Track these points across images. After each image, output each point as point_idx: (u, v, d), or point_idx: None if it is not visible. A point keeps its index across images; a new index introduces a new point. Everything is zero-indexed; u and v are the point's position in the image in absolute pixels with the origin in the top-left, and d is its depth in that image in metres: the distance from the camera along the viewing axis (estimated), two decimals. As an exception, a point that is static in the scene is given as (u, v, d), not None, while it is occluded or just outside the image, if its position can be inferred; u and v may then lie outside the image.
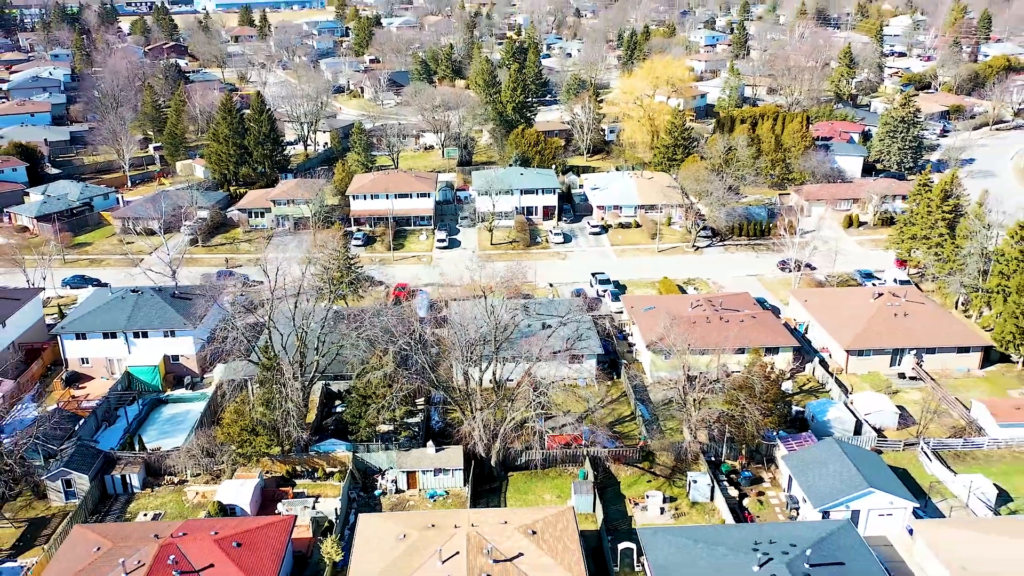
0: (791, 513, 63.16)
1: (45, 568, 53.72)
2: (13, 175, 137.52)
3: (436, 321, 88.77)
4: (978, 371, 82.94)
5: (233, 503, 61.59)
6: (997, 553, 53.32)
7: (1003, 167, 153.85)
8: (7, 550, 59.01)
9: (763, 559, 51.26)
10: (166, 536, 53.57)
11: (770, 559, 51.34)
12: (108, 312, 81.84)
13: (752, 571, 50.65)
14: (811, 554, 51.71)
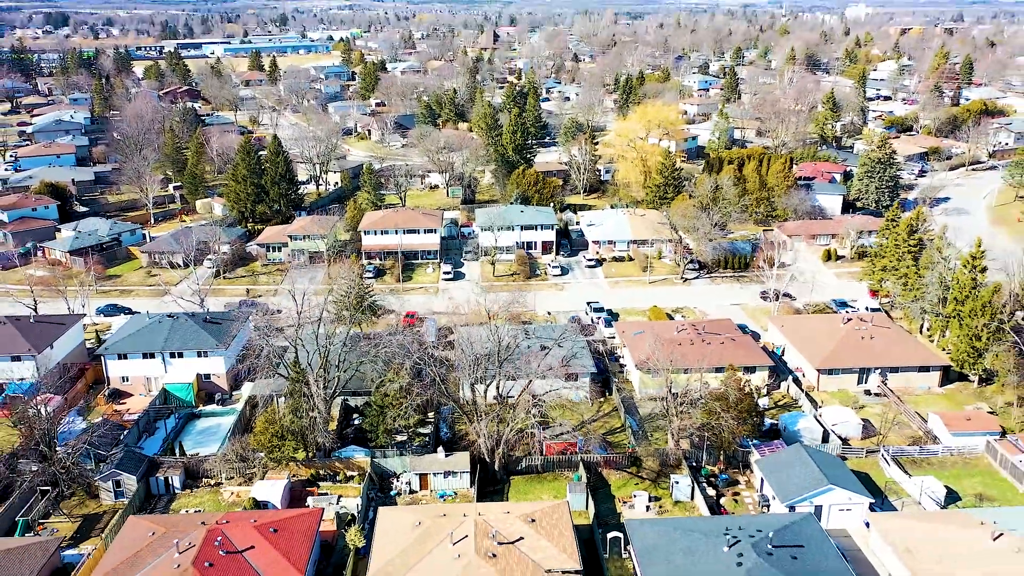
0: (762, 509, 71.21)
1: (106, 551, 61.63)
2: (45, 212, 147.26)
3: (443, 345, 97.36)
4: (938, 388, 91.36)
5: (266, 500, 69.68)
6: (939, 538, 61.36)
7: (976, 206, 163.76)
8: (68, 541, 66.80)
9: (732, 541, 59.30)
10: (212, 523, 61.71)
11: (738, 541, 59.36)
12: (147, 335, 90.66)
13: (722, 551, 58.67)
14: (774, 538, 59.76)
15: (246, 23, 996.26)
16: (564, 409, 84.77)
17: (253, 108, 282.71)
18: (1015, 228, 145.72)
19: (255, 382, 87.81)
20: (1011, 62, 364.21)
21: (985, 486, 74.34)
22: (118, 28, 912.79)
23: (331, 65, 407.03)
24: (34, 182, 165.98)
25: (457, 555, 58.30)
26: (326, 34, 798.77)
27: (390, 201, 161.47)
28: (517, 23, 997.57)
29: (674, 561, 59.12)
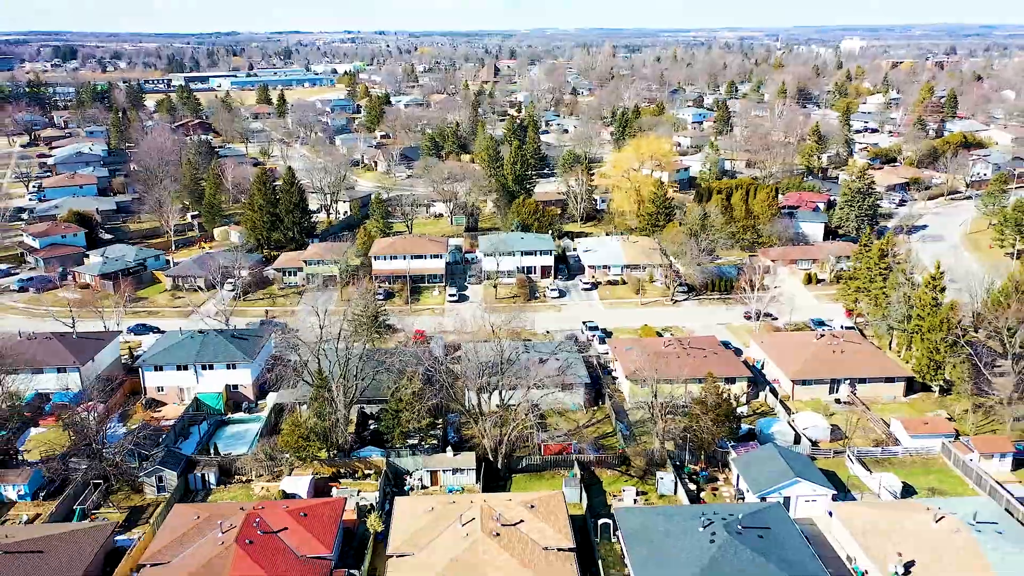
0: (737, 501, 79.74)
1: (156, 534, 70.16)
2: (73, 240, 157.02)
3: (451, 360, 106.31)
4: (903, 398, 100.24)
5: (294, 492, 78.34)
6: (889, 522, 69.91)
7: (952, 233, 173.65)
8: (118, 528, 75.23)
9: (706, 523, 67.90)
10: (249, 509, 70.34)
11: (712, 524, 67.94)
12: (180, 349, 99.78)
13: (698, 531, 67.26)
14: (743, 520, 68.37)
15: (251, 56, 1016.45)
16: (561, 415, 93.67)
17: (262, 140, 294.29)
18: (986, 253, 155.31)
19: (279, 392, 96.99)
20: (995, 95, 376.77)
21: (939, 482, 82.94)
22: (125, 61, 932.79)
23: (337, 98, 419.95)
24: (60, 211, 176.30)
25: (465, 534, 66.87)
26: (330, 67, 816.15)
27: (398, 229, 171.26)
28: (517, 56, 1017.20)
29: (656, 541, 67.68)
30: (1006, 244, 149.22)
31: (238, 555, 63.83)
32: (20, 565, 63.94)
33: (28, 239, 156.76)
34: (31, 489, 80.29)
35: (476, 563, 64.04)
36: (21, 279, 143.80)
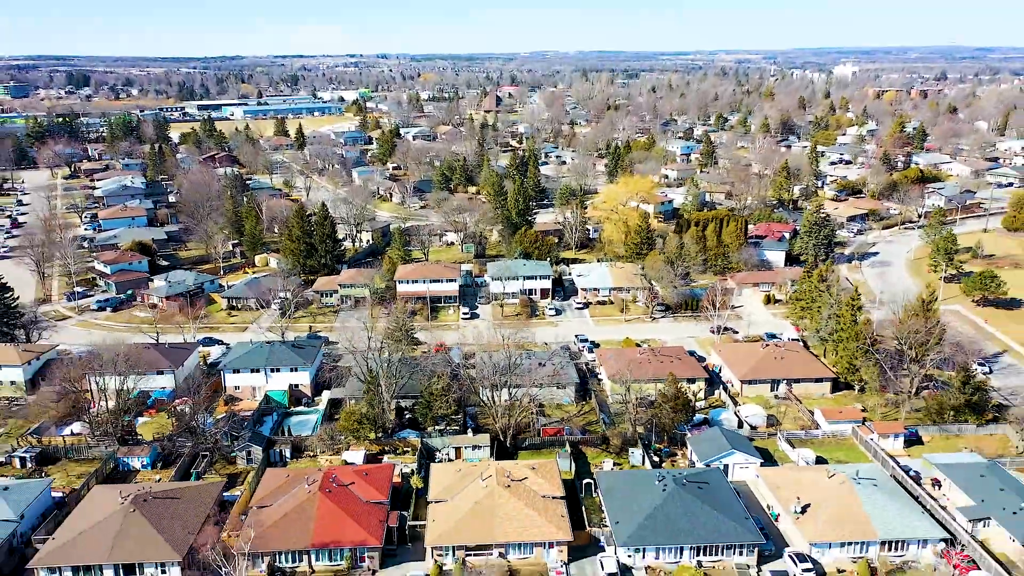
0: (689, 467, 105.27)
1: (256, 489, 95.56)
2: (138, 266, 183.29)
3: (467, 366, 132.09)
4: (829, 394, 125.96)
5: (352, 462, 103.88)
6: (796, 479, 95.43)
7: (899, 259, 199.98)
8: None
9: (660, 478, 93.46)
10: (325, 470, 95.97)
11: (664, 479, 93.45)
12: (253, 356, 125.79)
13: (654, 484, 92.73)
14: (688, 477, 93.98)
15: (258, 83, 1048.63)
16: (556, 407, 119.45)
17: (282, 171, 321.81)
18: (924, 277, 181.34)
19: (331, 390, 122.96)
20: (968, 127, 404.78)
21: (846, 456, 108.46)
22: (137, 88, 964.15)
23: (349, 130, 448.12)
24: (119, 240, 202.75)
25: (484, 486, 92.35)
26: (336, 94, 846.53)
27: (416, 256, 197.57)
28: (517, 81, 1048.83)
29: (624, 493, 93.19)
30: (939, 269, 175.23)
31: (322, 499, 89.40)
32: (167, 505, 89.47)
33: (99, 265, 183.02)
34: (151, 461, 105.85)
35: (493, 505, 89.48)
36: (99, 300, 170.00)
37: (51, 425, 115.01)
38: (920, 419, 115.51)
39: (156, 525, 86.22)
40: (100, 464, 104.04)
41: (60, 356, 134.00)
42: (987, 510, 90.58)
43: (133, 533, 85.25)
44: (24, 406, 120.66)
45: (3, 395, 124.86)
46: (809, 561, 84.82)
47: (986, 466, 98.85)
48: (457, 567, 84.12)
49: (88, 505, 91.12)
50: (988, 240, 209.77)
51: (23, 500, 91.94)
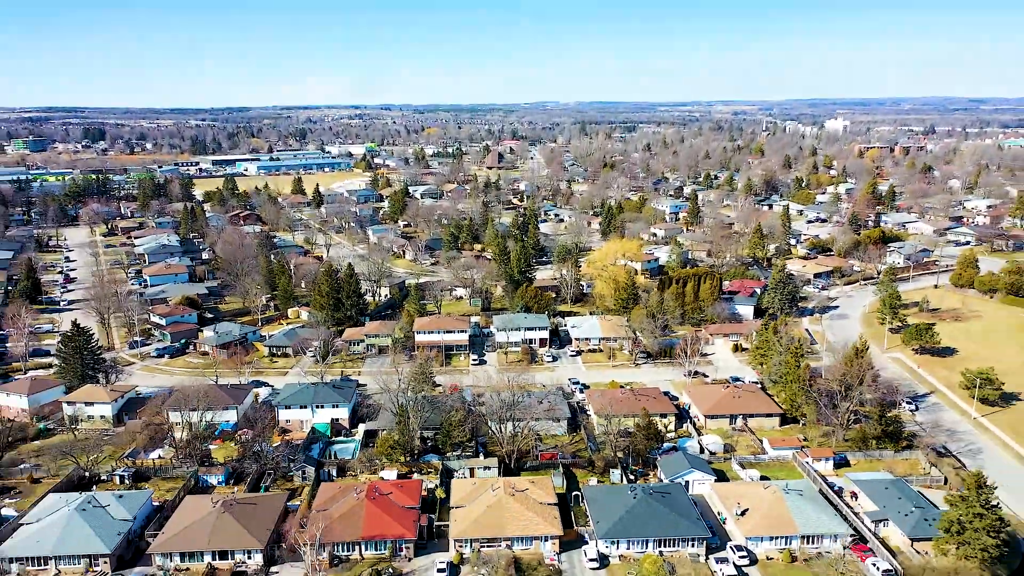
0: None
1: (314, 498, 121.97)
2: (188, 319, 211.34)
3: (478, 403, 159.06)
4: (778, 427, 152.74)
5: (387, 479, 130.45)
6: (741, 492, 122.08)
7: (855, 312, 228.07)
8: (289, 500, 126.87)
9: (632, 490, 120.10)
10: (369, 484, 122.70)
11: (636, 491, 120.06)
12: (301, 395, 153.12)
13: (628, 495, 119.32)
14: (654, 488, 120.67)
15: (267, 136, 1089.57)
16: (552, 437, 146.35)
17: (301, 228, 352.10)
18: (874, 328, 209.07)
19: (366, 423, 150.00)
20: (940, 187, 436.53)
21: (786, 475, 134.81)
22: (151, 142, 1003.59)
23: (361, 188, 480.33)
24: (166, 295, 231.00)
25: (494, 494, 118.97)
26: (344, 149, 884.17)
27: (430, 309, 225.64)
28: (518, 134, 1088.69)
29: (604, 501, 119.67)
30: (885, 322, 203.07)
31: (368, 504, 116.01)
32: (248, 509, 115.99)
33: (155, 318, 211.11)
34: (224, 478, 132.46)
35: (501, 509, 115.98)
36: (157, 348, 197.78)
37: (140, 450, 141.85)
38: (849, 446, 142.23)
39: (241, 523, 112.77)
40: (186, 480, 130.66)
41: (138, 395, 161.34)
42: (886, 513, 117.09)
43: (224, 529, 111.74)
44: (113, 436, 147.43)
45: (96, 427, 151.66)
46: (745, 551, 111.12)
47: (891, 481, 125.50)
48: (474, 555, 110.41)
49: (184, 509, 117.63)
50: (936, 295, 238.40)
51: (134, 506, 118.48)
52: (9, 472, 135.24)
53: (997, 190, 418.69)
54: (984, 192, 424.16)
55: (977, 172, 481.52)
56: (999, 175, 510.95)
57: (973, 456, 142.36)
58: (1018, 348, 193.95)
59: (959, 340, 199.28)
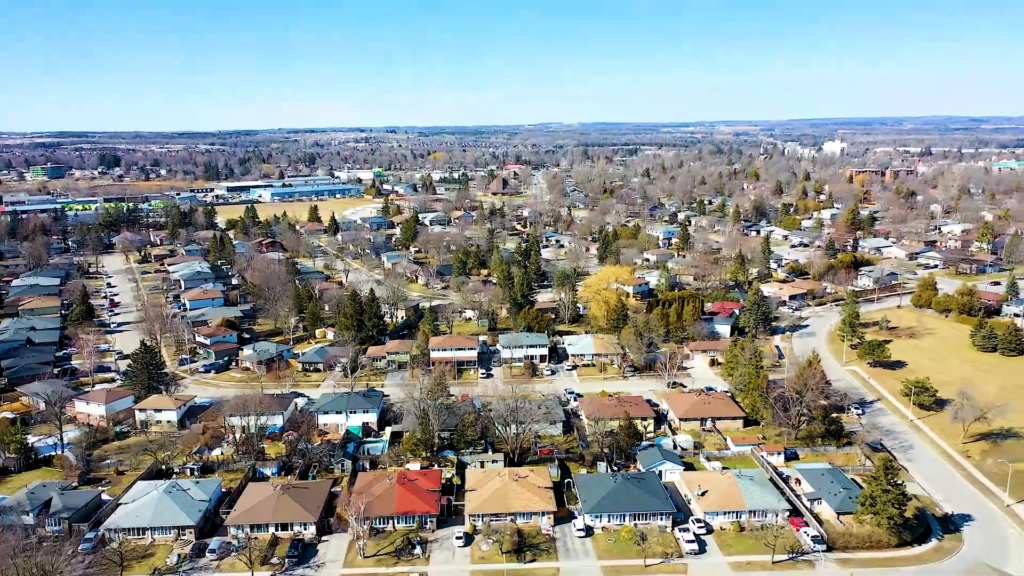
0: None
1: (353, 485, 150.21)
2: (229, 338, 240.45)
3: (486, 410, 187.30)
4: (742, 428, 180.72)
5: (413, 470, 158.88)
6: (706, 479, 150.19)
7: (823, 330, 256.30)
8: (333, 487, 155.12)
9: (614, 476, 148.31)
10: (399, 472, 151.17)
11: (616, 477, 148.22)
12: (336, 402, 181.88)
13: (610, 480, 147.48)
14: (631, 475, 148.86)
15: (278, 162, 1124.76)
16: (549, 437, 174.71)
17: (320, 254, 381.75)
18: (836, 345, 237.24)
19: (391, 425, 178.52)
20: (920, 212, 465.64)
21: (745, 466, 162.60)
22: (165, 168, 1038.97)
23: (373, 215, 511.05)
24: (206, 318, 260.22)
25: (501, 480, 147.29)
26: (353, 174, 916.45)
27: (442, 329, 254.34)
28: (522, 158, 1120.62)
29: (590, 485, 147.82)
30: (845, 338, 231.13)
31: (399, 487, 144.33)
32: (301, 492, 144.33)
33: (200, 338, 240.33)
34: (277, 470, 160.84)
35: (507, 491, 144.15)
36: (204, 364, 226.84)
37: (204, 448, 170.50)
38: (799, 443, 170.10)
39: (297, 502, 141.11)
40: (246, 471, 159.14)
41: (196, 404, 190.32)
42: (820, 494, 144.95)
43: (284, 506, 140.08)
44: (179, 437, 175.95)
45: (163, 430, 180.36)
46: (703, 523, 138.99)
47: (827, 470, 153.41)
48: (485, 526, 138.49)
49: (249, 493, 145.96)
50: (898, 314, 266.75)
51: (208, 490, 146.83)
52: (98, 466, 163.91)
53: (973, 215, 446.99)
54: (960, 217, 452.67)
55: (958, 197, 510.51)
56: (980, 199, 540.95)
57: (905, 451, 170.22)
58: (960, 361, 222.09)
59: (910, 354, 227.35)
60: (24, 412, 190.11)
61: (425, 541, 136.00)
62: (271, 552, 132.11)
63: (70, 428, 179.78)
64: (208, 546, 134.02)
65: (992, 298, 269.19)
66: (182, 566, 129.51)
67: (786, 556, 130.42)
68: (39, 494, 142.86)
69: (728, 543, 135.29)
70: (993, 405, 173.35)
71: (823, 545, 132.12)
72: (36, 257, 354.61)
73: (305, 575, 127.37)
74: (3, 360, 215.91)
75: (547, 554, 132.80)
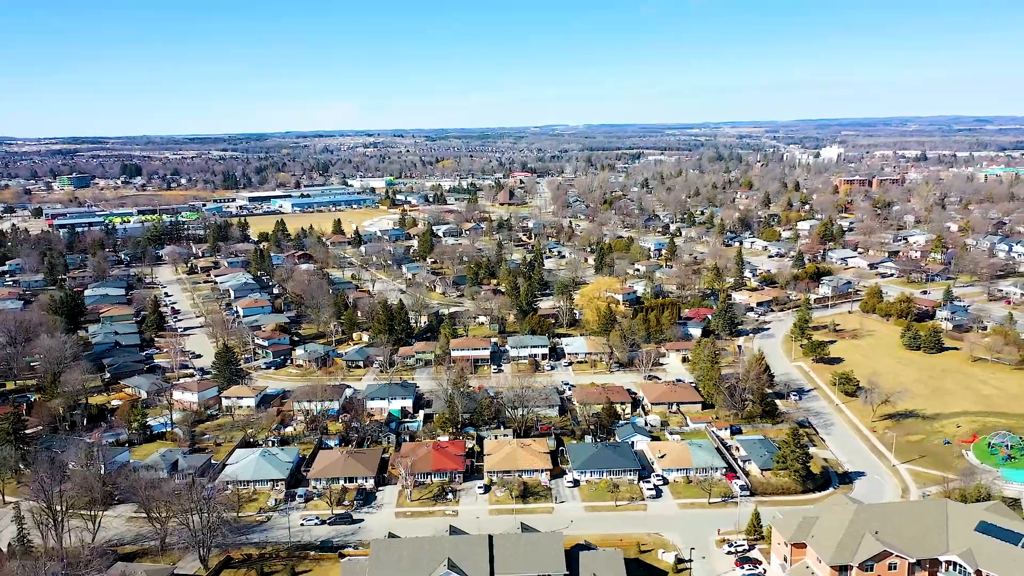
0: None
1: (397, 452, 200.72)
2: (283, 341, 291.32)
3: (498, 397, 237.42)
4: (700, 410, 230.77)
5: (444, 441, 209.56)
6: (666, 447, 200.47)
7: (781, 333, 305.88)
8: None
9: (595, 445, 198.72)
10: (433, 442, 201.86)
11: (598, 446, 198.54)
12: (380, 391, 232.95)
13: (593, 447, 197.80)
14: (607, 444, 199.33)
15: (292, 169, 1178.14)
16: (548, 417, 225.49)
17: (347, 265, 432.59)
18: (787, 345, 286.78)
19: (424, 409, 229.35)
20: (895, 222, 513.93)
21: (699, 438, 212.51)
22: (185, 177, 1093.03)
23: (392, 228, 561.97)
24: (259, 323, 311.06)
25: (510, 447, 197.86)
26: (366, 183, 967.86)
27: (460, 332, 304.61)
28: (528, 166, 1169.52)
29: (578, 451, 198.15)
30: (796, 339, 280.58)
31: (434, 452, 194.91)
32: (360, 456, 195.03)
33: (259, 340, 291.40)
34: (338, 442, 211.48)
35: (515, 455, 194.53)
36: (265, 362, 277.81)
37: (280, 426, 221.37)
38: (742, 421, 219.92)
39: (359, 462, 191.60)
40: (315, 443, 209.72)
41: (267, 393, 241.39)
42: (751, 456, 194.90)
43: (349, 466, 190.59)
44: (259, 418, 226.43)
45: (244, 413, 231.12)
46: (661, 478, 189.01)
47: (760, 440, 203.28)
48: (499, 480, 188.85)
49: (321, 457, 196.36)
50: (848, 318, 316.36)
51: (291, 455, 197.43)
52: (200, 440, 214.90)
53: (939, 226, 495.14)
54: (928, 228, 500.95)
55: (930, 208, 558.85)
56: (954, 209, 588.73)
57: (826, 427, 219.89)
58: (889, 357, 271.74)
59: (848, 352, 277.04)
60: (130, 400, 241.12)
61: (455, 490, 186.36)
62: (343, 496, 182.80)
63: (168, 412, 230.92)
64: (296, 493, 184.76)
65: (928, 304, 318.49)
66: (279, 507, 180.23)
67: (719, 499, 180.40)
68: (168, 457, 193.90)
69: (679, 491, 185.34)
70: (894, 392, 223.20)
71: (748, 492, 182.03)
72: (100, 270, 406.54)
73: (370, 511, 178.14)
74: (104, 359, 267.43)
75: (545, 499, 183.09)
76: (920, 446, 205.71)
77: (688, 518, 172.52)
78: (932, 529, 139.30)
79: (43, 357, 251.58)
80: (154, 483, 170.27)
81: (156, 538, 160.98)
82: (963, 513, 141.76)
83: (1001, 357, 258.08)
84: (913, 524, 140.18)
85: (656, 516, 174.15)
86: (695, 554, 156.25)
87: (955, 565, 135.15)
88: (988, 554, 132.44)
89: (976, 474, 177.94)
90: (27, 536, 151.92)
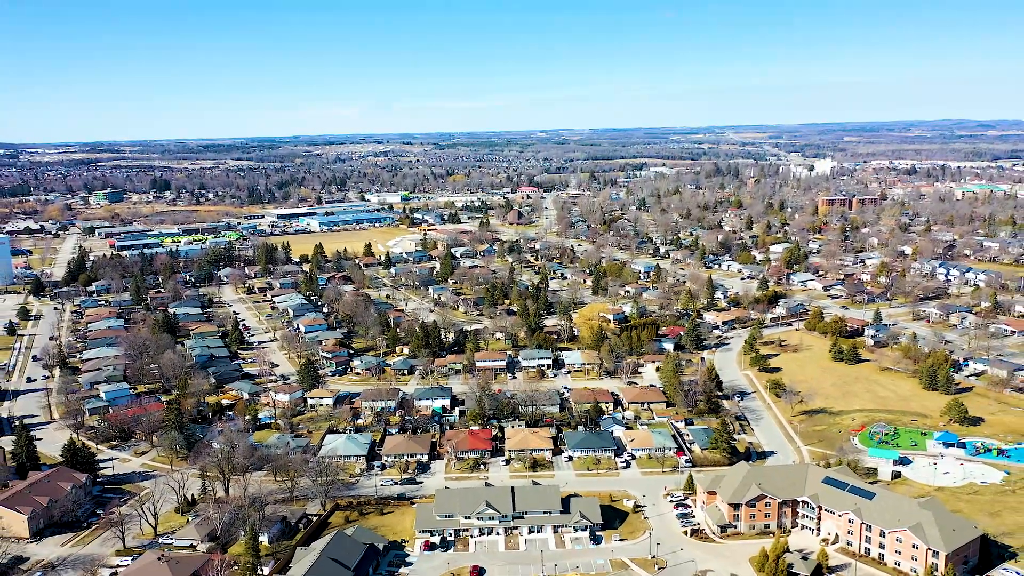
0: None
1: (443, 437, 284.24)
2: (343, 353, 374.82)
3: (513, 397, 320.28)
4: (665, 408, 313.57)
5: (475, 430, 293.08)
6: (634, 434, 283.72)
7: (738, 347, 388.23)
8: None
9: (584, 432, 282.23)
10: (468, 430, 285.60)
11: (587, 433, 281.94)
12: (425, 393, 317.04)
13: (583, 433, 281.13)
14: (591, 432, 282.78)
15: (311, 183, 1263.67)
16: (551, 413, 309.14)
17: (380, 285, 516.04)
18: (741, 357, 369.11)
19: (459, 406, 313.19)
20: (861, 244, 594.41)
21: (662, 427, 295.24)
22: (212, 192, 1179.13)
23: (413, 248, 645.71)
24: (319, 338, 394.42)
25: (523, 434, 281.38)
26: (382, 198, 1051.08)
27: (481, 346, 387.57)
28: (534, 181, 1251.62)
29: (572, 437, 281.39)
30: (746, 352, 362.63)
31: (469, 436, 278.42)
32: (419, 439, 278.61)
33: (323, 353, 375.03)
34: (398, 430, 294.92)
35: (528, 439, 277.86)
36: (330, 371, 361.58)
37: (354, 419, 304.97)
38: (694, 415, 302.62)
39: (416, 444, 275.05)
40: (382, 431, 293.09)
41: (340, 394, 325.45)
42: (696, 440, 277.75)
43: (410, 446, 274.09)
44: (337, 414, 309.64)
45: (325, 410, 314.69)
46: (631, 455, 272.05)
47: (703, 429, 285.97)
48: (516, 456, 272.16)
49: (388, 440, 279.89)
50: (794, 335, 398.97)
51: (367, 439, 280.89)
52: (297, 428, 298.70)
53: (893, 249, 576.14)
54: (884, 251, 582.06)
55: (890, 231, 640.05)
56: (915, 232, 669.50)
57: (757, 421, 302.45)
58: (816, 367, 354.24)
59: (787, 363, 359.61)
60: (233, 400, 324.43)
61: (485, 463, 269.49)
62: (407, 466, 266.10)
63: (270, 408, 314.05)
64: (373, 465, 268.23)
65: (858, 323, 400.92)
66: (363, 474, 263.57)
67: (671, 469, 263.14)
68: (282, 440, 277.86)
69: (643, 464, 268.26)
70: (808, 393, 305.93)
71: (691, 464, 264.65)
72: (175, 291, 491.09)
73: (426, 477, 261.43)
74: (207, 368, 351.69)
75: (548, 469, 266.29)
76: (821, 433, 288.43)
77: (647, 481, 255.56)
78: (795, 482, 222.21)
79: (164, 366, 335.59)
80: (280, 457, 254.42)
81: (283, 493, 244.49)
82: (817, 472, 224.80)
83: (900, 367, 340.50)
84: (783, 479, 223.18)
85: (625, 479, 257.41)
86: (647, 500, 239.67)
87: (806, 503, 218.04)
88: (826, 496, 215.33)
89: (847, 452, 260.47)
90: (210, 488, 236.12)
